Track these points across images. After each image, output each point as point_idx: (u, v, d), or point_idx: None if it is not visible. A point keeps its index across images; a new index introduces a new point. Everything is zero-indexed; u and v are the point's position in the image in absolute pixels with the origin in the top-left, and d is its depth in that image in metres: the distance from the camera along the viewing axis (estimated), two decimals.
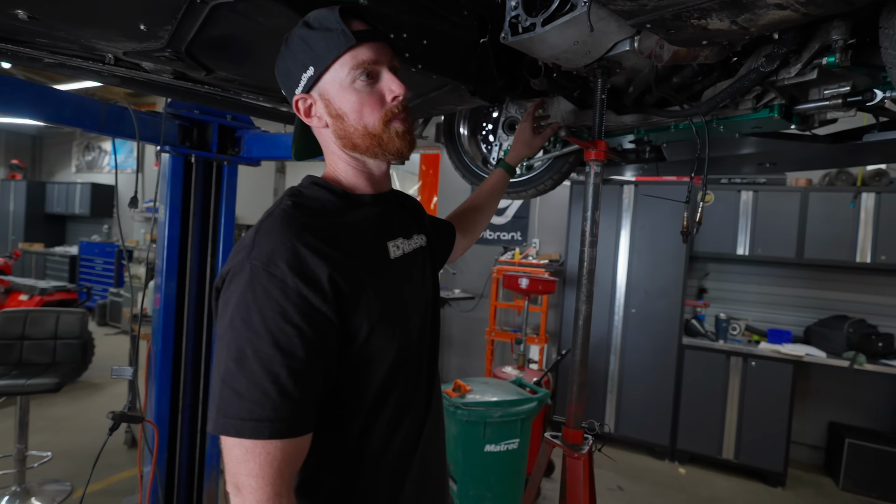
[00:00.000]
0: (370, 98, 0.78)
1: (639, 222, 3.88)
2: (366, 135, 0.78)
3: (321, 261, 0.68)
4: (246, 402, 0.62)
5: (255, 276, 0.65)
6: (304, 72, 0.78)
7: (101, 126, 1.54)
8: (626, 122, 1.49)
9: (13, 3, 0.93)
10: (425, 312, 0.89)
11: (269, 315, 0.64)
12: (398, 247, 0.85)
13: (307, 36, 0.77)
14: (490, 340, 4.51)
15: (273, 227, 0.70)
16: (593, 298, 1.21)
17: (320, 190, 0.81)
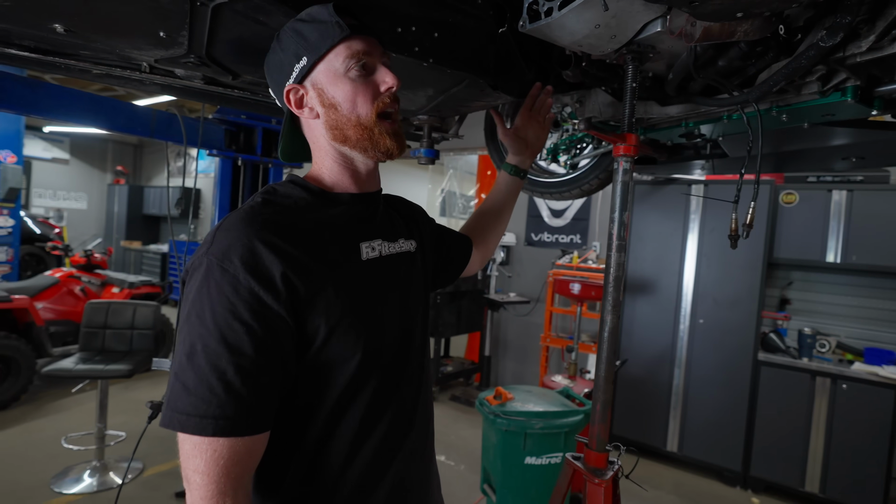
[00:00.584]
0: (364, 88, 0.77)
1: (708, 225, 3.57)
2: (358, 125, 0.78)
3: (276, 258, 0.66)
4: (192, 398, 0.61)
5: (210, 272, 0.65)
6: (296, 62, 0.77)
7: (151, 131, 1.64)
8: (672, 114, 1.35)
9: (51, 19, 0.99)
10: (407, 321, 0.84)
11: (218, 311, 0.64)
12: (374, 248, 0.81)
13: (300, 28, 0.77)
14: (545, 347, 4.36)
15: (234, 223, 0.69)
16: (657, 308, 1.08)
17: (295, 188, 0.79)
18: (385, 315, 0.79)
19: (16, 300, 3.82)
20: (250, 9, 0.88)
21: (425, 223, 1.06)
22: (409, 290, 0.88)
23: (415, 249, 0.93)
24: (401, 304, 0.84)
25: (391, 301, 0.81)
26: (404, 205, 1.03)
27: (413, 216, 1.01)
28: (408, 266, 0.89)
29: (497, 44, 1.16)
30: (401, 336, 0.82)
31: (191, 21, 0.93)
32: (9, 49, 1.17)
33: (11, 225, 5.44)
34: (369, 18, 0.88)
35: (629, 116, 1.07)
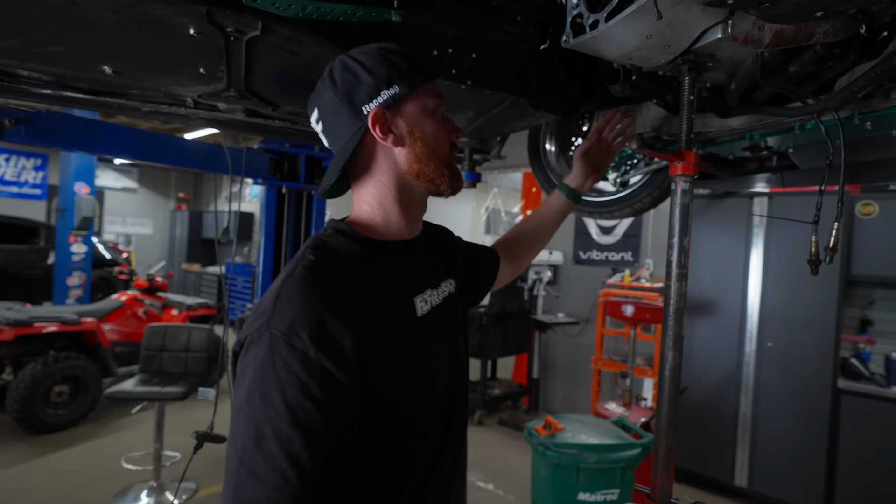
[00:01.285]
0: (442, 129, 0.80)
1: (774, 240, 3.30)
2: (439, 161, 0.79)
3: (346, 329, 0.64)
4: (264, 487, 0.57)
5: (275, 348, 0.61)
6: (386, 87, 0.74)
7: (199, 163, 1.69)
8: (734, 126, 1.23)
9: (99, 62, 1.03)
10: (454, 367, 0.84)
11: (289, 391, 0.59)
12: (426, 301, 0.81)
13: (389, 55, 0.76)
14: (596, 370, 4.16)
15: (295, 292, 0.65)
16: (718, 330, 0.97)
17: (345, 240, 0.76)
18: (439, 368, 0.80)
19: (85, 323, 4.06)
20: (283, 41, 0.87)
21: (456, 248, 1.03)
22: (455, 334, 0.87)
23: (455, 290, 0.92)
24: (450, 352, 0.84)
25: (443, 352, 0.82)
26: (436, 234, 0.98)
27: (446, 245, 0.99)
28: (451, 309, 0.88)
29: (539, 61, 1.10)
30: (450, 383, 0.82)
31: (227, 55, 0.93)
32: (66, 92, 1.22)
33: (84, 251, 5.85)
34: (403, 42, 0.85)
35: (687, 132, 0.98)
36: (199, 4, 0.73)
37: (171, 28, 0.83)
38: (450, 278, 0.92)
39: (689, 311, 3.61)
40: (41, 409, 3.74)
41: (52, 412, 3.82)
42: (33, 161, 9.13)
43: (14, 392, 3.63)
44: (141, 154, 1.54)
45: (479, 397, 4.57)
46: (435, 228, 0.99)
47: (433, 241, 0.93)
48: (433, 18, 0.93)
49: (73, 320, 3.98)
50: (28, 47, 0.97)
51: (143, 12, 0.78)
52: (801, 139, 1.25)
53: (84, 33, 0.88)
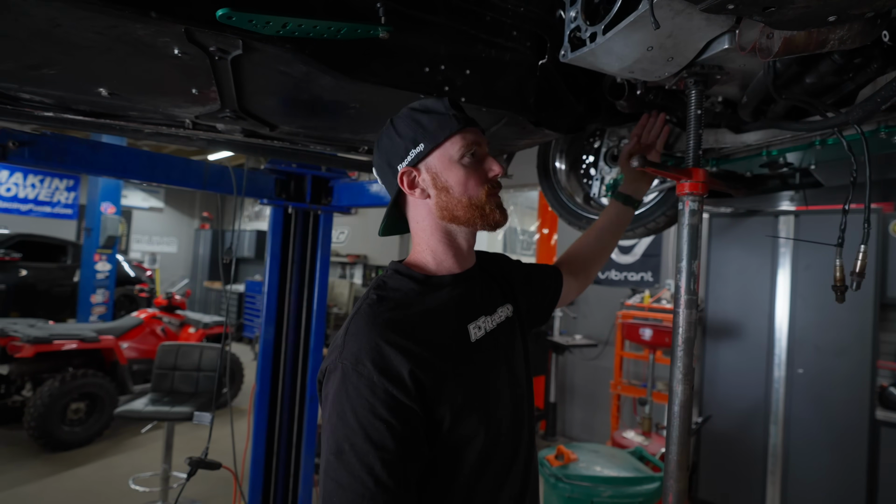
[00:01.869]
0: (475, 174, 0.85)
1: (802, 261, 3.15)
2: (469, 206, 0.84)
3: (403, 357, 0.73)
4: (347, 493, 0.68)
5: (346, 376, 0.73)
6: (412, 147, 0.84)
7: (204, 183, 1.69)
8: (749, 142, 1.16)
9: (94, 84, 1.03)
10: (516, 388, 0.89)
11: (360, 412, 0.71)
12: (479, 327, 0.86)
13: (417, 116, 0.85)
14: (615, 395, 4.01)
15: (360, 328, 0.77)
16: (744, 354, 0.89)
17: (402, 279, 0.86)
18: (499, 389, 0.84)
19: (103, 340, 4.12)
20: (268, 59, 0.85)
21: (513, 272, 1.06)
22: (513, 356, 0.91)
23: (512, 314, 0.96)
24: (509, 374, 0.88)
25: (501, 374, 0.86)
26: (491, 262, 1.04)
27: (502, 272, 1.03)
28: (508, 333, 0.92)
29: (538, 77, 1.06)
30: (513, 404, 0.87)
31: (215, 75, 0.92)
32: (67, 114, 1.23)
33: (109, 269, 5.99)
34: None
35: (695, 148, 0.92)
36: (177, 24, 0.71)
37: (155, 48, 0.82)
38: (507, 303, 0.96)
39: (713, 335, 3.46)
40: (57, 426, 3.78)
41: (69, 429, 3.85)
42: (66, 182, 9.48)
43: (31, 409, 3.67)
44: (145, 175, 1.55)
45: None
46: (490, 256, 1.06)
47: (488, 269, 0.99)
48: (423, 35, 0.90)
49: (91, 338, 4.04)
50: (23, 70, 0.98)
51: (125, 33, 0.77)
52: (823, 155, 1.17)
53: (73, 55, 0.88)
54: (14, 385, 4.14)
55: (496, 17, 0.94)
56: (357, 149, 1.46)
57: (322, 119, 1.20)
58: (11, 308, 6.05)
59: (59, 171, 1.41)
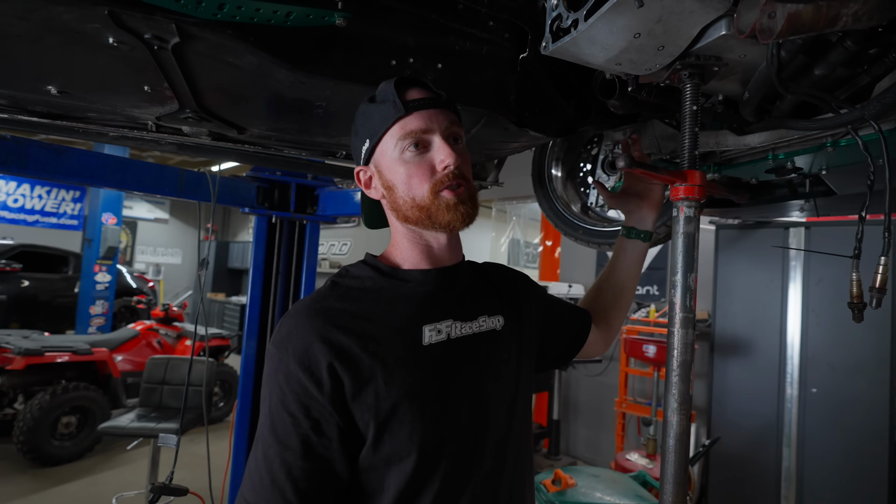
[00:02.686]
0: (418, 169, 0.74)
1: (814, 275, 3.02)
2: (414, 206, 0.75)
3: (325, 348, 0.67)
4: (249, 482, 0.66)
5: (271, 359, 0.69)
6: (363, 144, 0.78)
7: (179, 191, 1.61)
8: (753, 144, 1.07)
9: (39, 80, 0.96)
10: (481, 408, 0.75)
11: (273, 400, 0.67)
12: (440, 330, 0.75)
13: (367, 109, 0.77)
14: (620, 413, 3.86)
15: (297, 310, 0.72)
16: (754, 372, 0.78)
17: (365, 268, 0.79)
18: (450, 405, 0.72)
19: (96, 352, 4.05)
20: (212, 49, 0.77)
21: (529, 294, 0.95)
22: (488, 372, 0.78)
23: (501, 327, 0.83)
24: (474, 390, 0.75)
25: (459, 388, 0.74)
26: (502, 275, 0.94)
27: (513, 288, 0.91)
28: (489, 346, 0.80)
29: (519, 73, 0.97)
30: (474, 424, 0.73)
31: (162, 70, 0.84)
32: (23, 116, 1.16)
33: (108, 280, 5.96)
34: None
35: (690, 148, 0.82)
36: (98, 4, 0.63)
37: (86, 36, 0.74)
38: (497, 315, 0.84)
39: (721, 351, 3.32)
40: (47, 440, 3.70)
41: (58, 444, 3.77)
42: (72, 193, 9.52)
43: (21, 422, 3.60)
44: (115, 182, 1.48)
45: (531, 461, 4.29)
46: (506, 272, 0.95)
47: (492, 279, 0.90)
48: (387, 23, 0.82)
49: (84, 350, 3.98)
50: None
51: (49, 17, 0.69)
52: (835, 158, 1.07)
53: (5, 47, 0.81)
54: (6, 398, 4.07)
55: (469, 5, 0.86)
56: (335, 153, 1.38)
57: (290, 120, 1.12)
58: (12, 319, 6.02)
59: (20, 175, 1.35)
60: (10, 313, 5.99)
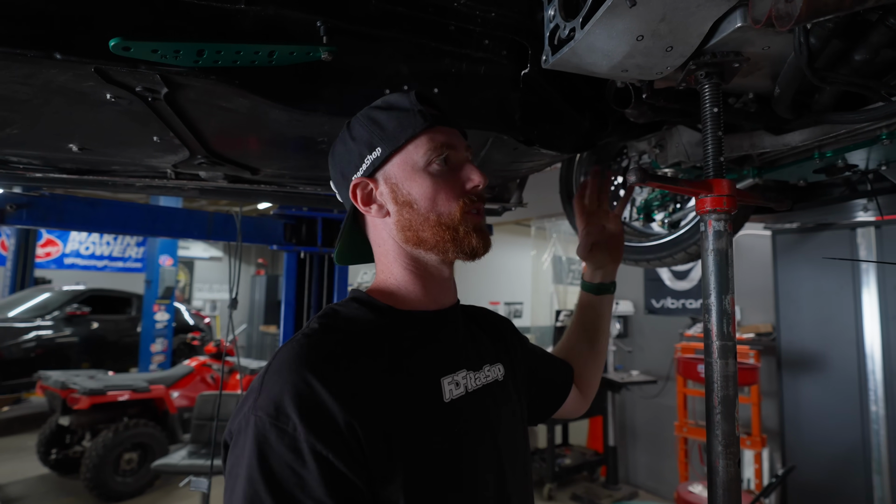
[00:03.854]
0: (447, 184, 0.67)
1: (891, 279, 2.72)
2: (438, 225, 0.67)
3: (338, 403, 0.53)
4: None
5: (262, 436, 0.52)
6: (368, 153, 0.68)
7: (208, 233, 1.65)
8: (793, 143, 0.96)
9: (60, 139, 1.00)
10: (508, 472, 0.67)
11: (282, 497, 0.50)
12: (458, 383, 0.66)
13: (376, 115, 0.69)
14: (681, 439, 3.58)
15: (284, 362, 0.56)
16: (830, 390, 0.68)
17: (360, 308, 0.67)
18: (481, 471, 0.63)
19: (153, 389, 4.22)
20: (203, 95, 0.77)
21: (516, 340, 0.88)
22: (500, 430, 0.70)
23: (503, 377, 0.76)
24: (493, 451, 0.67)
25: (485, 451, 0.65)
26: (486, 318, 0.86)
27: (500, 332, 0.84)
28: (496, 399, 0.72)
29: (522, 90, 0.92)
30: (496, 490, 0.65)
31: (162, 119, 0.85)
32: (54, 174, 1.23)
33: (167, 319, 6.27)
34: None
35: (714, 155, 0.73)
36: (84, 63, 0.64)
37: (86, 95, 0.76)
38: (497, 363, 0.77)
39: (790, 367, 3.04)
40: (111, 476, 3.85)
41: (121, 480, 3.91)
42: (136, 238, 10.22)
43: (87, 459, 3.77)
44: (147, 229, 1.54)
45: (547, 468, 4.10)
46: (489, 315, 0.88)
47: (478, 321, 0.82)
48: (376, 53, 0.80)
49: (142, 388, 4.15)
50: None
51: (48, 80, 0.72)
52: (895, 152, 0.94)
53: (20, 111, 0.85)
54: (75, 435, 4.30)
55: (462, 25, 0.82)
56: None
57: (297, 157, 1.12)
58: (84, 359, 6.43)
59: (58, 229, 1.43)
60: (81, 354, 6.39)
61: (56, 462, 4.22)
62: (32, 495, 4.06)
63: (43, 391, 4.36)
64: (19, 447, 4.94)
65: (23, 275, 7.44)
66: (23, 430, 5.51)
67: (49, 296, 6.38)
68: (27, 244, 7.51)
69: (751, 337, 3.53)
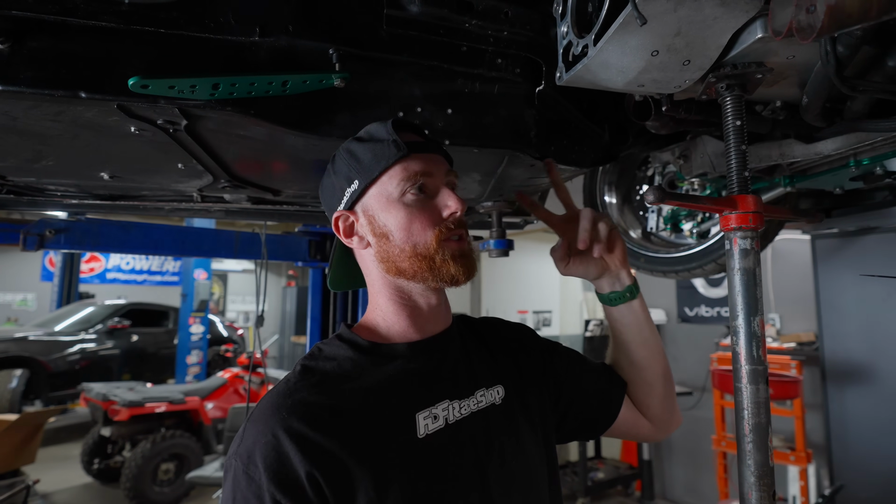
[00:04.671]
0: (421, 214, 0.68)
1: None
2: (414, 256, 0.67)
3: (302, 456, 0.56)
4: None
5: (237, 480, 0.57)
6: (347, 186, 0.70)
7: (235, 252, 1.69)
8: (825, 152, 0.91)
9: (92, 168, 1.04)
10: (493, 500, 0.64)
11: None
12: (436, 416, 0.65)
13: (354, 148, 0.71)
14: (720, 453, 3.44)
15: (263, 412, 0.60)
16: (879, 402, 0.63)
17: (342, 346, 0.69)
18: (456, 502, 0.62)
19: (188, 401, 4.34)
20: (222, 125, 0.79)
21: (530, 348, 0.83)
22: (492, 457, 0.67)
23: (501, 400, 0.73)
24: (479, 481, 0.64)
25: (463, 483, 0.63)
26: (498, 333, 0.83)
27: (509, 345, 0.81)
28: (490, 425, 0.69)
29: (538, 107, 0.91)
30: None
31: (185, 148, 0.88)
32: (89, 200, 1.28)
33: (202, 331, 6.45)
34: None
35: (738, 170, 0.71)
36: (107, 100, 0.67)
37: (112, 129, 0.79)
38: (497, 384, 0.74)
39: (835, 379, 2.89)
40: (149, 486, 3.97)
41: (159, 490, 4.03)
42: None
43: (127, 469, 3.90)
44: (177, 249, 1.59)
45: (579, 481, 4.01)
46: (496, 326, 0.84)
47: (485, 339, 0.79)
48: (389, 77, 0.80)
49: (178, 399, 4.28)
50: (28, 164, 1.01)
51: (77, 116, 0.75)
52: None
53: (53, 145, 0.89)
54: (116, 446, 4.45)
55: (474, 45, 0.82)
56: None
57: (317, 179, 1.12)
58: (125, 371, 6.68)
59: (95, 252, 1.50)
60: (122, 366, 6.65)
61: (98, 471, 4.37)
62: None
63: (86, 402, 4.54)
64: (65, 456, 5.15)
65: (69, 290, 7.81)
66: (69, 439, 5.74)
67: (92, 310, 6.68)
68: (72, 260, 7.89)
69: (792, 347, 3.38)
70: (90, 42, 0.66)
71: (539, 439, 0.74)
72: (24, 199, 1.28)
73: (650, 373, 0.83)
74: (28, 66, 0.64)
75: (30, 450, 3.72)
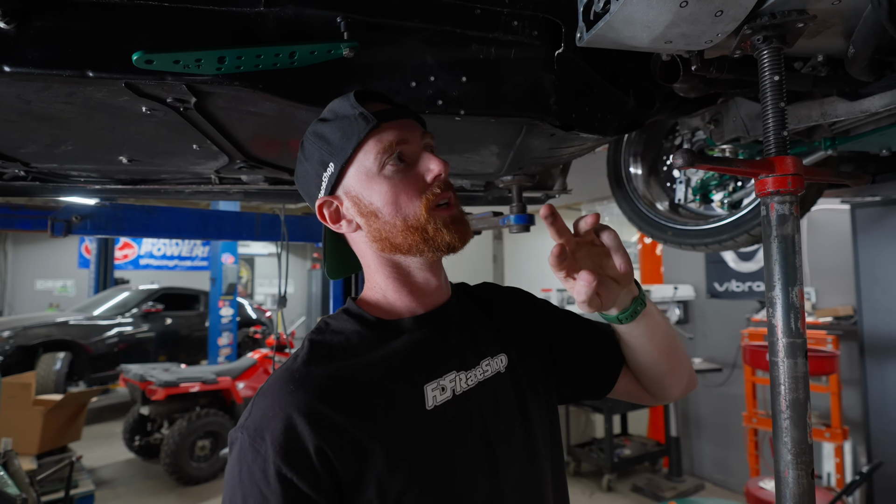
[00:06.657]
0: (405, 184, 0.65)
1: None
2: (406, 229, 0.65)
3: (312, 430, 0.56)
4: None
5: (242, 453, 0.57)
6: (323, 171, 0.67)
7: (255, 234, 1.70)
8: (871, 109, 0.84)
9: (111, 152, 1.05)
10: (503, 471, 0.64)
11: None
12: (444, 388, 0.65)
13: (322, 130, 0.67)
14: (750, 430, 3.37)
15: (272, 386, 0.60)
16: None
17: (348, 320, 0.68)
18: (465, 474, 0.62)
19: (220, 381, 4.48)
20: (230, 101, 0.77)
21: (527, 309, 0.82)
22: (500, 427, 0.68)
23: (505, 368, 0.72)
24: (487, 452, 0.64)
25: (472, 454, 0.64)
26: (496, 295, 0.82)
27: (507, 308, 0.79)
28: (496, 394, 0.69)
29: (557, 72, 0.86)
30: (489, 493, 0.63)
31: (197, 128, 0.87)
32: (112, 185, 1.30)
33: (231, 314, 6.61)
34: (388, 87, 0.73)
35: (776, 130, 0.65)
36: (114, 79, 0.66)
37: (124, 109, 0.79)
38: (501, 353, 0.73)
39: (877, 353, 2.78)
40: (187, 462, 4.14)
41: (196, 465, 4.20)
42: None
43: (166, 446, 4.07)
44: (200, 232, 1.61)
45: (606, 458, 4.00)
46: (492, 292, 0.82)
47: (486, 307, 0.78)
48: (400, 45, 0.77)
49: (210, 379, 4.42)
50: (48, 150, 1.03)
51: (88, 98, 0.75)
52: None
53: (69, 129, 0.89)
54: (155, 423, 4.65)
55: (488, 7, 0.78)
56: None
57: None
58: (160, 353, 6.94)
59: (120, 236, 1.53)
60: (158, 348, 6.90)
61: (140, 448, 4.58)
62: (120, 478, 4.44)
63: (125, 383, 4.73)
64: (109, 434, 5.41)
65: (105, 276, 8.10)
66: (111, 417, 6.02)
67: (128, 295, 6.92)
68: (107, 248, 8.16)
69: (828, 321, 3.25)
70: (95, 19, 0.64)
71: (542, 405, 0.74)
72: (50, 185, 1.31)
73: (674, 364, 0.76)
74: (35, 46, 0.63)
75: (75, 427, 3.91)
